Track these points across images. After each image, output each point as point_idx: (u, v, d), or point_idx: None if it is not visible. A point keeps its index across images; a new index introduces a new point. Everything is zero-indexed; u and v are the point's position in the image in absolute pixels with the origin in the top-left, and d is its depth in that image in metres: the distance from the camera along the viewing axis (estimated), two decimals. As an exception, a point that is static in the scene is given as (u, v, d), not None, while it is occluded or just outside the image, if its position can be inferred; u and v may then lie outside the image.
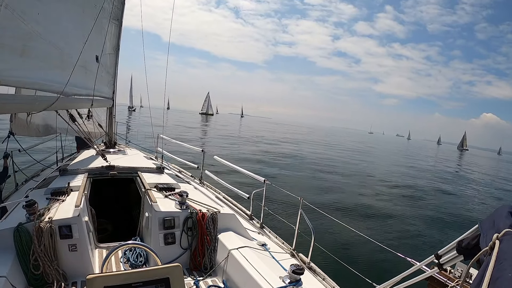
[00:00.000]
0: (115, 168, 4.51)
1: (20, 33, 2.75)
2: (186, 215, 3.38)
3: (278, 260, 3.15)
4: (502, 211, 1.22)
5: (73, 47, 3.99)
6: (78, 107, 4.94)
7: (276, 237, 3.95)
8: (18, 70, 2.80)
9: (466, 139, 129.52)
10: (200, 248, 3.34)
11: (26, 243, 2.56)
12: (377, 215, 11.81)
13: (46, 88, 3.53)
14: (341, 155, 32.75)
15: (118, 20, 6.66)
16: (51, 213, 2.87)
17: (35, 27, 2.95)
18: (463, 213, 14.37)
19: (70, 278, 2.82)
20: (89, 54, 4.95)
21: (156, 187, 4.01)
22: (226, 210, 3.84)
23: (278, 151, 27.74)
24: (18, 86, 3.45)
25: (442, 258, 1.59)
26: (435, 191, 18.99)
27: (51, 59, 3.52)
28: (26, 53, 2.89)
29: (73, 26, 4.07)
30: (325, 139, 44.87)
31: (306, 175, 18.14)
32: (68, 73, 3.76)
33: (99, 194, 4.59)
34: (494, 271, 0.94)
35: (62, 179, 3.95)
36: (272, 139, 37.52)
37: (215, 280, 3.14)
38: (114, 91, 7.02)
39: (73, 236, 2.84)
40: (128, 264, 3.28)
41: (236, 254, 3.01)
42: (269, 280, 2.55)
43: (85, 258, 2.95)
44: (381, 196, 15.40)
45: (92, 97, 5.01)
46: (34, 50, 3.07)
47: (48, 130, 5.84)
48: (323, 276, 3.03)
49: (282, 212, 6.30)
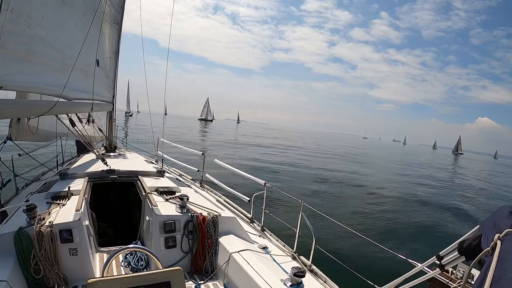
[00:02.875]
0: (116, 172, 4.51)
1: (24, 38, 2.75)
2: (187, 219, 3.38)
3: (279, 263, 3.14)
4: (503, 211, 1.22)
5: (75, 51, 4.00)
6: (78, 111, 4.95)
7: (277, 240, 3.94)
8: (20, 75, 2.79)
9: (461, 143, 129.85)
10: (201, 251, 3.33)
11: (26, 247, 2.55)
12: (377, 217, 11.79)
13: (49, 93, 3.53)
14: (324, 161, 31.09)
15: (118, 24, 6.69)
16: (51, 217, 2.86)
17: (39, 31, 2.95)
18: (463, 215, 14.36)
19: (71, 282, 2.81)
20: (90, 58, 4.97)
21: (157, 191, 4.00)
22: (227, 213, 3.84)
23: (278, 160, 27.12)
24: (20, 90, 3.45)
25: (444, 259, 1.59)
26: (429, 195, 18.94)
27: (53, 64, 3.52)
28: (29, 58, 2.89)
29: (75, 30, 4.08)
30: (315, 145, 44.01)
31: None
32: (70, 78, 3.77)
33: (99, 198, 4.58)
34: (496, 271, 0.94)
35: (62, 183, 3.95)
36: (270, 145, 37.21)
37: (216, 284, 3.13)
38: (114, 95, 7.04)
39: (73, 240, 2.83)
40: (129, 268, 3.27)
41: (237, 257, 3.00)
42: (271, 283, 2.54)
43: (86, 262, 2.94)
44: (379, 200, 15.38)
45: (92, 101, 5.02)
46: (37, 55, 3.06)
47: (49, 135, 5.84)
48: (324, 279, 3.02)
49: (283, 214, 6.28)
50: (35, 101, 3.68)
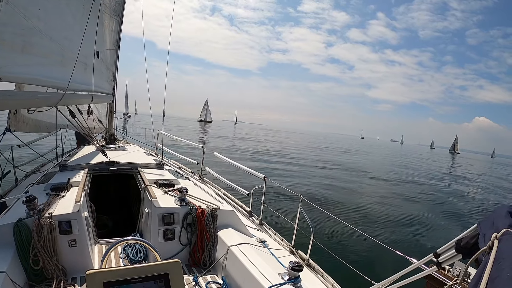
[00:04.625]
0: (115, 164, 4.52)
1: (21, 29, 2.73)
2: (186, 211, 3.39)
3: (277, 257, 3.16)
4: (501, 211, 1.22)
5: (74, 43, 3.97)
6: (78, 103, 4.93)
7: (276, 234, 3.96)
8: (18, 66, 2.78)
9: (458, 142, 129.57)
10: (200, 244, 3.35)
11: (26, 238, 2.56)
12: (376, 214, 11.85)
13: (47, 84, 3.52)
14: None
15: (119, 15, 6.63)
16: (51, 209, 2.87)
17: (36, 23, 2.93)
18: (461, 214, 14.42)
19: (69, 274, 2.83)
20: (90, 49, 4.93)
21: (156, 183, 4.01)
22: (226, 206, 3.85)
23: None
24: (19, 82, 3.43)
25: (441, 256, 1.59)
26: (428, 191, 19.00)
27: (52, 55, 3.50)
28: (26, 50, 2.87)
29: (74, 22, 4.04)
30: (305, 149, 42.87)
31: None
32: (69, 69, 3.74)
33: (99, 189, 4.59)
34: (493, 270, 0.94)
35: (62, 175, 3.95)
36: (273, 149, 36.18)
37: (214, 277, 3.15)
38: (115, 87, 7.02)
39: (72, 231, 2.84)
40: (127, 259, 3.29)
41: (236, 251, 3.02)
42: (268, 276, 2.56)
43: (85, 253, 2.96)
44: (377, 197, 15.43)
45: (92, 92, 5.00)
46: (35, 46, 3.04)
47: (49, 127, 5.82)
48: (321, 273, 3.04)
49: (281, 209, 6.31)
50: (37, 92, 3.65)
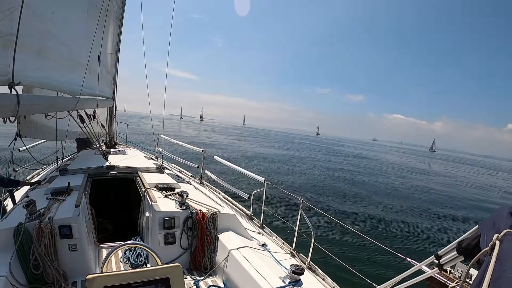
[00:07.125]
0: (115, 168, 4.52)
1: (37, 33, 2.70)
2: (186, 215, 3.38)
3: (278, 260, 3.15)
4: (503, 212, 1.22)
5: (79, 46, 3.97)
6: (87, 107, 4.93)
7: (276, 237, 3.95)
8: (35, 71, 2.74)
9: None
10: (200, 248, 3.34)
11: (26, 242, 2.56)
12: (376, 216, 11.81)
13: (60, 89, 3.50)
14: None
15: (119, 19, 6.67)
16: (51, 213, 2.87)
17: (50, 26, 2.90)
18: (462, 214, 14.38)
19: (70, 278, 2.82)
20: (93, 53, 4.95)
21: (156, 187, 4.01)
22: (226, 210, 3.84)
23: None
24: (36, 86, 3.38)
25: (442, 258, 1.58)
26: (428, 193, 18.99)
27: (62, 60, 3.48)
28: (42, 54, 2.83)
29: (79, 26, 4.05)
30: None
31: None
32: (75, 74, 3.75)
33: (99, 194, 4.59)
34: (494, 271, 0.94)
35: (62, 179, 3.95)
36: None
37: (215, 280, 3.14)
38: (115, 91, 7.04)
39: (73, 236, 2.84)
40: (128, 264, 3.28)
41: (236, 254, 3.01)
42: (269, 280, 2.55)
43: (85, 258, 2.95)
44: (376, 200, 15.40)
45: (97, 97, 5.01)
46: (49, 51, 3.01)
47: (59, 134, 5.77)
48: (323, 276, 3.03)
49: (282, 212, 6.30)
50: (56, 97, 3.62)
